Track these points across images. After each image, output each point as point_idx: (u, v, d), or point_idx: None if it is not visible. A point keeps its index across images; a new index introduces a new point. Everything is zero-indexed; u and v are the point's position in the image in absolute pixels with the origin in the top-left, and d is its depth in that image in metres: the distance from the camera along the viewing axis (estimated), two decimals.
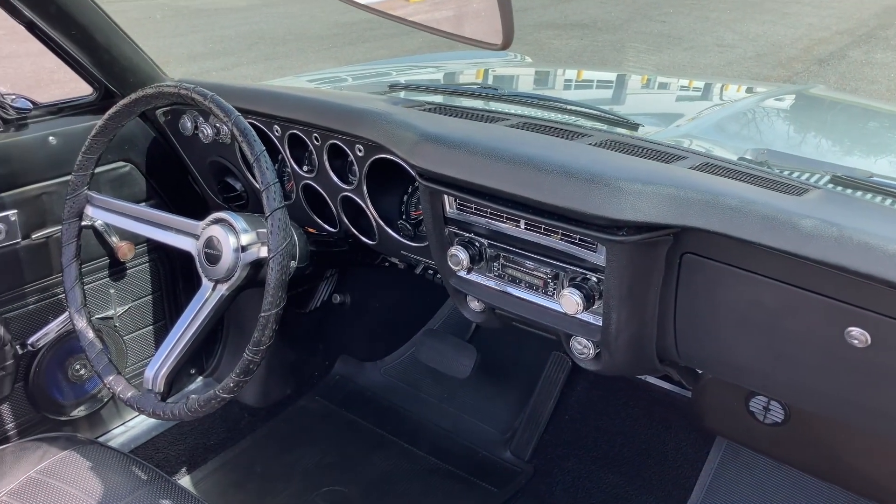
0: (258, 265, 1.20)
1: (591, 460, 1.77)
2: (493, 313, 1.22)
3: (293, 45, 7.54)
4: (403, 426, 1.92)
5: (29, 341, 1.49)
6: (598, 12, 9.40)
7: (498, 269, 1.16)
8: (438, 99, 1.47)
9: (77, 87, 1.60)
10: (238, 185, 1.61)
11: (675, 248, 0.97)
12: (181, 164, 1.64)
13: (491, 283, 1.18)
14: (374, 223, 1.36)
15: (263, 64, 6.73)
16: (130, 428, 1.76)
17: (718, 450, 1.65)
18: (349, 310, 2.06)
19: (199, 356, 1.93)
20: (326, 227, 1.48)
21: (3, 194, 1.39)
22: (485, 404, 1.91)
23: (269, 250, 1.07)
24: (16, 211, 1.41)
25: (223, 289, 1.20)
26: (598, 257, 1.02)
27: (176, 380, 1.22)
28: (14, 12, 1.32)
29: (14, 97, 1.40)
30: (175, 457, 1.79)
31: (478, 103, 1.47)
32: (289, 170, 1.46)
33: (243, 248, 1.18)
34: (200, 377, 1.93)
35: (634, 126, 1.30)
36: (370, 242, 1.41)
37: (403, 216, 1.37)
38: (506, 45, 1.01)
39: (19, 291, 1.47)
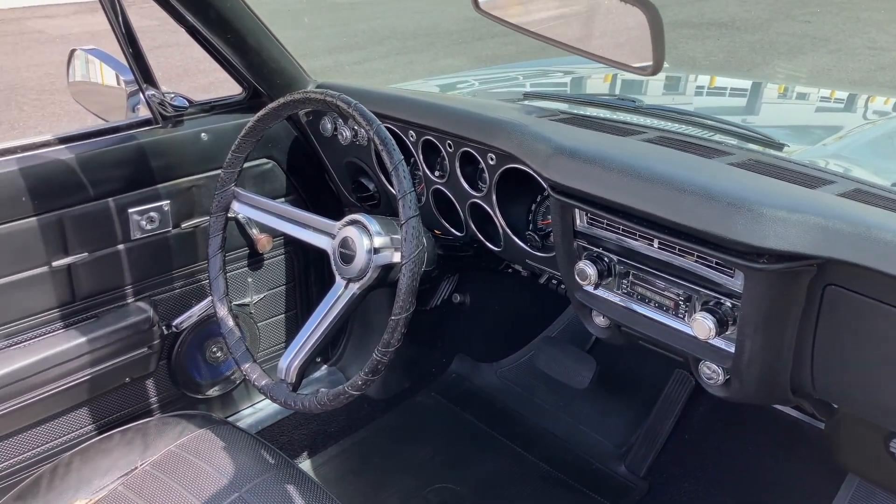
0: (389, 268, 1.23)
1: (709, 483, 1.71)
2: (619, 330, 1.21)
3: (423, 39, 7.66)
4: (517, 430, 1.92)
5: (174, 323, 1.60)
6: (738, 11, 9.01)
7: (627, 287, 1.15)
8: (572, 109, 1.46)
9: (219, 77, 1.69)
10: (371, 186, 1.66)
11: (818, 279, 0.93)
12: (319, 162, 1.71)
13: (618, 300, 1.16)
14: (500, 231, 1.37)
15: (394, 58, 6.89)
16: (258, 410, 1.86)
17: (849, 488, 1.56)
18: (468, 310, 2.08)
19: (324, 350, 2.01)
20: (453, 230, 1.50)
21: (158, 186, 1.50)
22: (601, 416, 1.89)
23: (402, 256, 1.10)
24: (168, 202, 1.51)
25: (354, 287, 1.24)
26: (735, 283, 0.99)
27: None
28: (179, 18, 1.42)
29: (173, 96, 1.51)
30: (297, 441, 1.87)
31: (612, 113, 1.45)
32: (420, 173, 1.49)
33: (376, 251, 1.22)
34: (325, 366, 2.01)
35: (779, 145, 1.24)
36: (495, 249, 1.43)
37: (531, 226, 1.37)
38: (655, 72, 1.00)
39: (167, 276, 1.58)
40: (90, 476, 1.32)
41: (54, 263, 1.39)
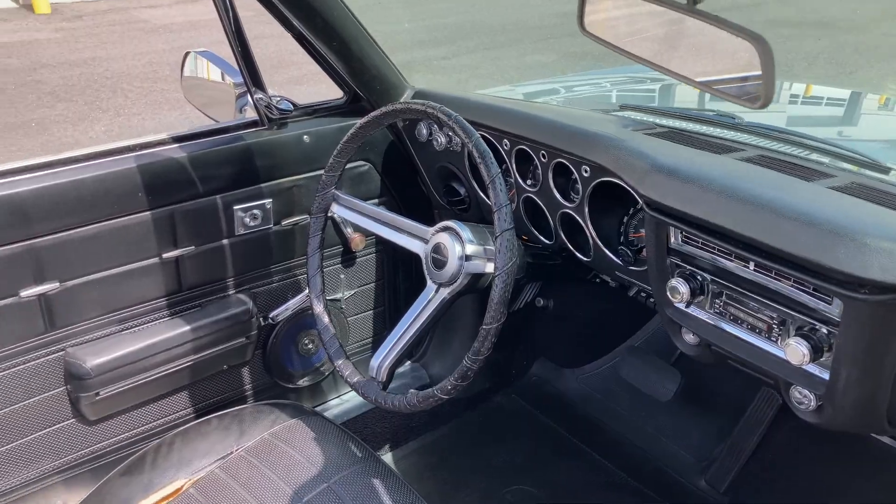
0: (479, 275, 1.26)
1: None
2: (709, 349, 1.20)
3: (510, 35, 7.65)
4: (596, 437, 1.93)
5: (271, 315, 1.68)
6: (841, 11, 8.64)
7: (719, 307, 1.14)
8: (669, 122, 1.46)
9: (311, 70, 1.73)
10: (462, 191, 1.69)
11: None
12: (412, 166, 1.75)
13: (709, 319, 1.16)
14: (591, 242, 1.38)
15: (481, 54, 6.91)
16: (345, 401, 1.93)
17: None
18: (551, 314, 2.09)
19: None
20: (542, 238, 1.52)
21: (262, 185, 1.57)
22: (683, 429, 1.87)
23: (495, 268, 1.13)
24: (271, 200, 1.58)
25: (445, 292, 1.28)
26: (833, 310, 0.98)
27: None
28: (287, 24, 1.48)
29: (279, 99, 1.57)
30: (381, 433, 1.93)
31: (709, 128, 1.43)
32: (512, 180, 1.51)
33: (468, 258, 1.25)
34: (409, 361, 2.06)
35: (884, 168, 1.21)
36: (585, 259, 1.44)
37: (622, 238, 1.38)
38: (764, 106, 0.99)
39: (266, 270, 1.66)
40: (190, 457, 1.41)
41: (164, 255, 1.48)
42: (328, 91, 1.72)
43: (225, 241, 1.55)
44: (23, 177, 1.31)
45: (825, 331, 1.00)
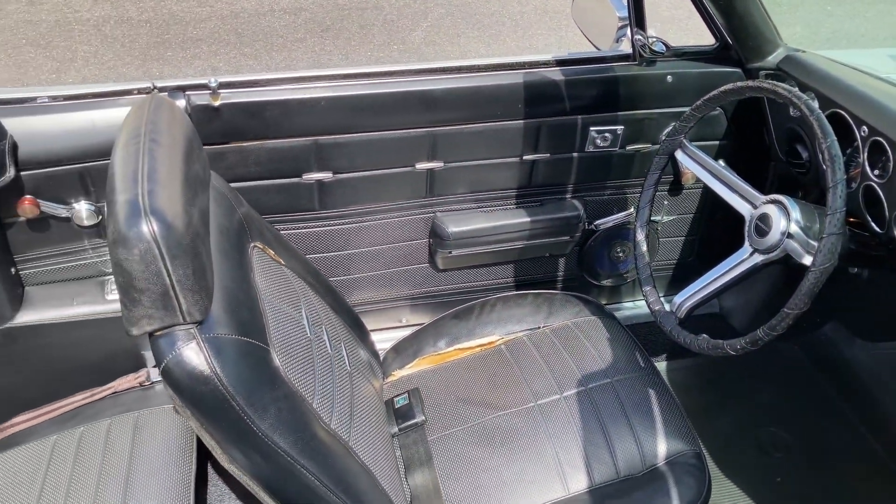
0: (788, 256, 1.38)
1: None
2: None
3: None
4: (869, 412, 1.97)
5: (595, 222, 1.93)
6: None
7: None
8: None
9: (675, 14, 1.81)
10: (805, 155, 1.74)
11: None
12: (762, 117, 1.82)
13: None
14: None
15: None
16: (637, 307, 2.17)
17: None
18: (863, 283, 2.09)
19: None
20: (874, 225, 1.55)
21: (618, 113, 1.76)
22: None
23: (812, 262, 1.25)
24: (622, 127, 1.78)
25: (758, 259, 1.42)
26: None
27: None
28: None
29: (654, 40, 1.72)
30: (659, 343, 2.15)
31: None
32: (859, 161, 1.54)
33: (789, 235, 1.36)
34: None
35: None
36: None
37: None
38: None
39: (601, 184, 1.89)
40: (507, 320, 1.75)
41: (525, 157, 1.77)
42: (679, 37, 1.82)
43: (575, 155, 1.80)
44: (435, 77, 1.64)
45: None
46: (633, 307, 2.16)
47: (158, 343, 0.95)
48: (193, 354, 0.95)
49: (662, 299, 1.59)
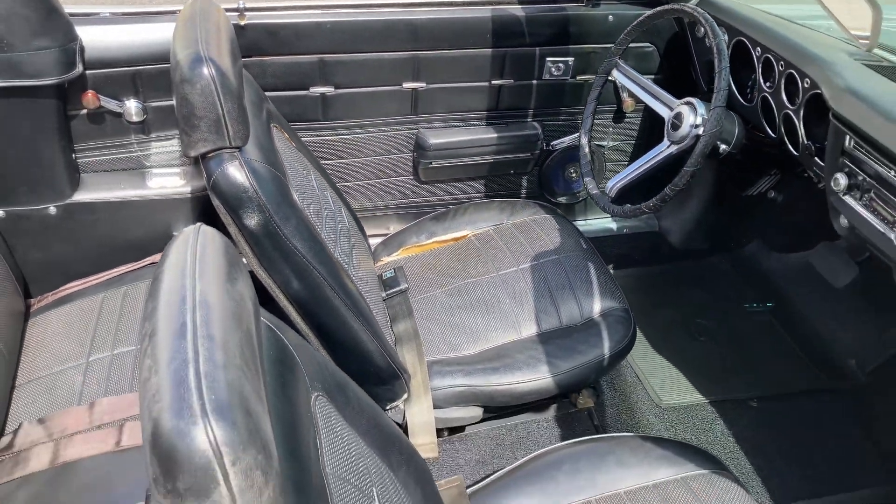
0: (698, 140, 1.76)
1: None
2: (854, 232, 1.61)
3: None
4: (781, 309, 2.36)
5: (552, 143, 2.31)
6: None
7: (866, 201, 1.54)
8: None
9: None
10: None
11: None
12: (688, 54, 2.20)
13: (858, 209, 1.56)
14: (801, 140, 1.79)
15: None
16: (588, 224, 2.54)
17: None
18: (779, 207, 2.48)
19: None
20: (769, 131, 1.93)
21: (570, 46, 2.14)
22: (849, 315, 2.24)
23: (703, 131, 1.63)
24: (573, 59, 2.16)
25: (674, 148, 1.80)
26: None
27: (627, 198, 1.90)
28: None
29: None
30: (609, 255, 2.53)
31: None
32: (754, 78, 1.92)
33: (696, 126, 1.75)
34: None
35: None
36: (794, 153, 1.84)
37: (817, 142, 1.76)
38: None
39: (556, 110, 2.26)
40: (476, 220, 2.11)
41: (493, 82, 2.14)
42: None
43: (534, 82, 2.18)
44: (420, 9, 2.01)
45: None
46: (585, 224, 2.53)
47: (209, 164, 1.31)
48: (236, 171, 1.30)
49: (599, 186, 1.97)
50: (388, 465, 1.21)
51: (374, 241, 2.27)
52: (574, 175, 2.41)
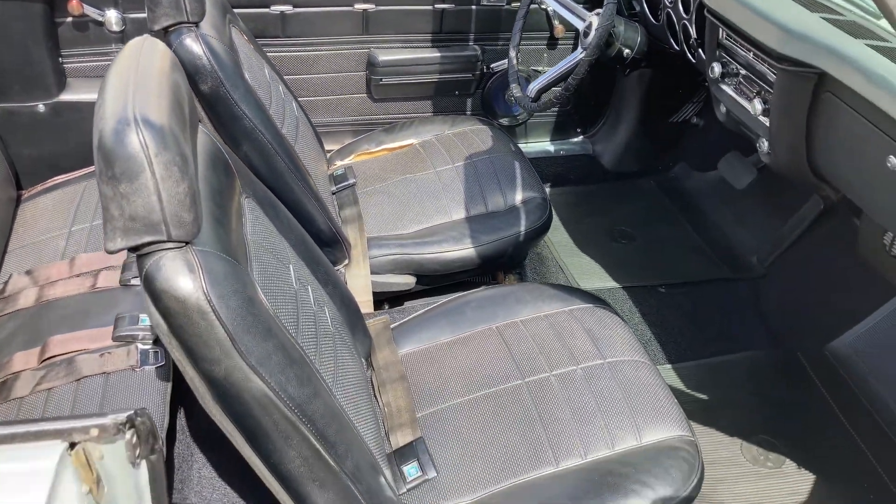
0: (608, 44, 2.02)
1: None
2: (730, 116, 1.87)
3: None
4: (693, 215, 2.63)
5: (491, 65, 2.57)
6: None
7: (736, 84, 1.80)
8: None
9: None
10: (637, 7, 2.38)
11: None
12: None
13: (731, 93, 1.82)
14: (691, 39, 2.03)
15: None
16: (526, 147, 2.80)
17: None
18: (700, 131, 2.75)
19: (586, 124, 2.85)
20: (673, 43, 2.19)
21: None
22: (749, 216, 2.50)
23: (597, 26, 1.89)
24: None
25: (583, 54, 2.06)
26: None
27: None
28: None
29: None
30: (544, 174, 2.79)
31: None
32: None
33: None
34: (582, 136, 2.86)
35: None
36: (692, 60, 2.10)
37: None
38: None
39: (495, 35, 2.52)
40: (421, 131, 2.36)
41: (436, 6, 2.40)
42: None
43: (473, 7, 2.44)
44: None
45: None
46: (525, 145, 2.79)
47: (170, 38, 1.56)
48: (192, 42, 1.56)
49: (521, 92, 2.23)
50: (315, 275, 1.47)
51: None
52: (513, 99, 2.67)
